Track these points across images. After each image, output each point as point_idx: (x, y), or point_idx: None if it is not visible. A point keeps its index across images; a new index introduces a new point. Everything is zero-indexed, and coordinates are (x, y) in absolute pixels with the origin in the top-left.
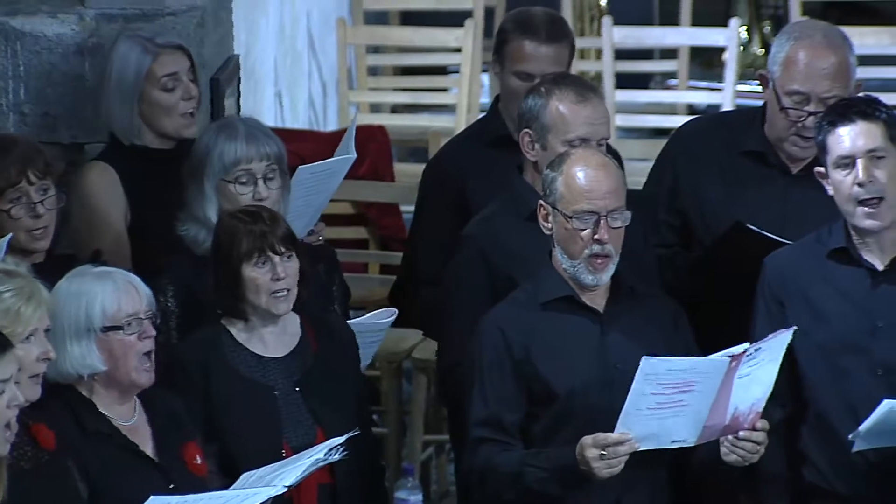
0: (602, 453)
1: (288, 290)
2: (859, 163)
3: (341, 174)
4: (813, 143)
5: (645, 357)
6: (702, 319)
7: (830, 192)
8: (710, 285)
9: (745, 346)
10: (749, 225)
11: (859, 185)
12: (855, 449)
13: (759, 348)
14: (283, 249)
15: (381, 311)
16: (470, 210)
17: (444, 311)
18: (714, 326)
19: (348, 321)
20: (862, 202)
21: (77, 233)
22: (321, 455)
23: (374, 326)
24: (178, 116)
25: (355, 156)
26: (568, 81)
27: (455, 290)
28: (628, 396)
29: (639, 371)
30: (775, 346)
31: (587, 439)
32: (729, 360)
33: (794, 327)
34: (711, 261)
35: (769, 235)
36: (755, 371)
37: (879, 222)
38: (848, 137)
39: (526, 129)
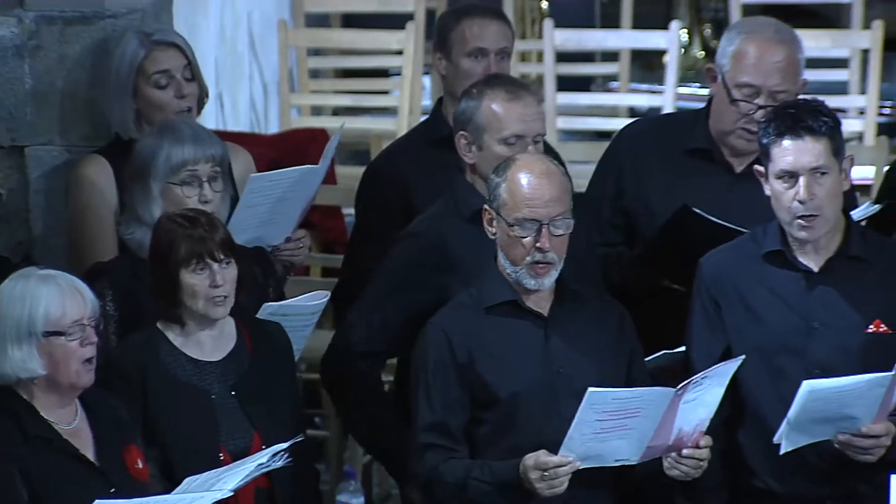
0: (544, 474)
1: (226, 297)
2: (802, 180)
3: (311, 184)
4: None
5: (591, 389)
6: (647, 315)
7: (768, 192)
8: (656, 275)
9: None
10: (695, 209)
11: (800, 201)
12: (783, 451)
13: (706, 376)
14: (221, 256)
15: (313, 293)
16: (413, 212)
17: (368, 294)
18: (659, 322)
19: (280, 303)
20: (799, 216)
21: (69, 226)
22: (265, 460)
23: (305, 309)
24: (172, 115)
25: (320, 166)
26: (499, 81)
27: (385, 282)
28: (573, 424)
29: (584, 401)
30: (721, 373)
31: (528, 460)
32: (675, 391)
33: (742, 357)
34: (658, 247)
35: (715, 220)
36: (701, 396)
37: (814, 235)
38: (793, 153)
39: (461, 132)
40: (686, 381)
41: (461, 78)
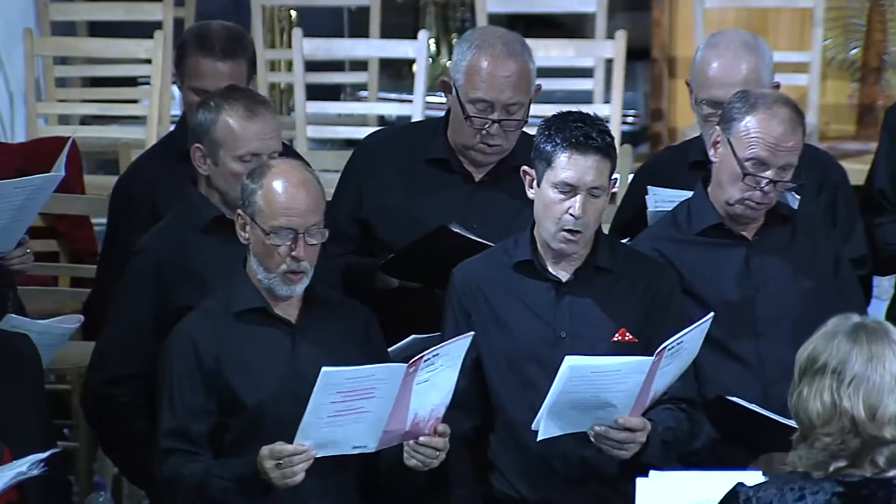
0: (278, 463)
1: None
2: (579, 196)
3: (48, 191)
4: (498, 150)
5: (324, 369)
6: (397, 312)
7: (531, 195)
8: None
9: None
10: (453, 228)
11: (573, 215)
12: (540, 438)
13: (437, 354)
14: None
15: (67, 316)
16: None
17: (109, 324)
18: (409, 317)
19: (27, 319)
20: (564, 229)
21: None
22: (24, 468)
23: (54, 329)
24: None
25: (63, 174)
26: (237, 96)
27: (123, 304)
28: (307, 408)
29: (318, 383)
30: (453, 351)
31: (264, 450)
32: (406, 366)
33: (471, 334)
34: (408, 261)
35: (475, 238)
36: (434, 377)
37: (574, 250)
38: (578, 168)
39: (197, 144)
40: (417, 357)
41: (187, 106)
